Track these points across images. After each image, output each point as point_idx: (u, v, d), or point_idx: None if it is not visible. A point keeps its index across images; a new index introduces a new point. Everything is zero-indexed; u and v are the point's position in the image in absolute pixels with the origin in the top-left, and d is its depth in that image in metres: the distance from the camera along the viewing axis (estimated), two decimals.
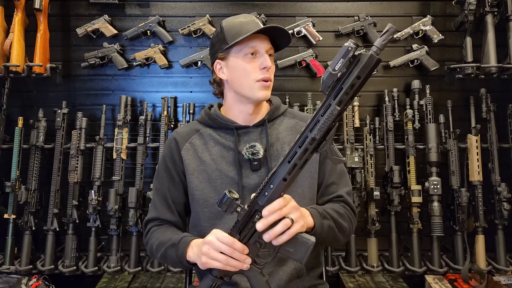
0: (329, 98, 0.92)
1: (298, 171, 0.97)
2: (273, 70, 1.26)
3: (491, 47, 2.27)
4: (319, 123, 0.92)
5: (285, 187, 0.97)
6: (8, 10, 2.36)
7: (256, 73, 1.21)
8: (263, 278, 1.05)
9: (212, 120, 1.30)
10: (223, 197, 0.99)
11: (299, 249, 1.00)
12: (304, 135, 0.95)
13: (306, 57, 2.48)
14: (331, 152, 0.96)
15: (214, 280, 1.07)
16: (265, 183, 0.99)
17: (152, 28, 2.49)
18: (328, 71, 0.90)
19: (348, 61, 0.88)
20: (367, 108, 2.51)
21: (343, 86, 0.90)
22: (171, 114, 2.45)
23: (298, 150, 0.95)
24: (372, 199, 2.29)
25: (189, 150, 1.29)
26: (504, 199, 2.24)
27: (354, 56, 0.88)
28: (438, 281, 2.24)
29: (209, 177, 1.25)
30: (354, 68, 0.89)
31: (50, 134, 2.37)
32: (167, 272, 2.32)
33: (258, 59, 1.22)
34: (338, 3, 2.57)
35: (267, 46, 1.23)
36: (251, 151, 1.23)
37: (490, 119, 2.35)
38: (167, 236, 1.21)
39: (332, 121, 0.92)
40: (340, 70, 0.89)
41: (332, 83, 0.91)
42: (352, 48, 0.87)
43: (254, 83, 1.21)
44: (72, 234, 2.31)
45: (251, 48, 1.21)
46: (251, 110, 1.27)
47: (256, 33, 1.19)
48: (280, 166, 0.97)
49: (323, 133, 0.93)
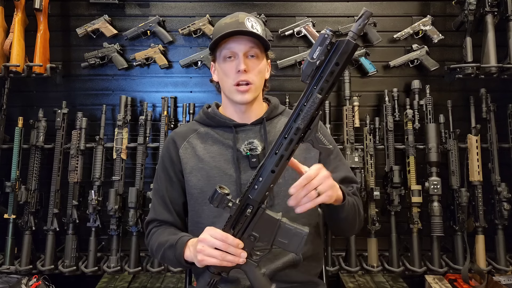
0: (310, 86, 0.92)
1: (286, 163, 0.97)
2: (258, 70, 1.24)
3: (491, 47, 2.27)
4: (302, 112, 0.93)
5: (274, 179, 0.97)
6: (8, 10, 2.36)
7: (233, 77, 1.22)
8: (261, 272, 1.05)
9: (210, 118, 1.31)
10: (214, 193, 1.00)
11: (293, 240, 1.01)
12: (288, 126, 0.95)
13: (306, 57, 2.48)
14: (317, 141, 0.96)
15: (212, 277, 1.07)
16: (254, 176, 0.99)
17: (152, 28, 2.49)
18: (306, 60, 0.90)
19: (325, 48, 0.88)
20: (367, 108, 2.51)
21: (323, 74, 0.90)
22: (171, 114, 2.45)
23: (284, 141, 0.95)
24: (372, 199, 2.29)
25: (187, 149, 1.29)
26: (504, 199, 2.24)
27: (331, 43, 0.88)
28: (438, 281, 2.24)
29: (207, 175, 1.25)
30: (332, 55, 0.89)
31: (50, 134, 2.37)
32: (167, 272, 2.32)
33: (235, 61, 1.22)
34: (338, 3, 2.56)
35: (245, 47, 1.21)
36: (249, 147, 1.25)
37: (490, 119, 2.34)
38: (165, 237, 1.22)
39: (314, 109, 0.92)
40: (319, 58, 0.89)
41: (311, 72, 0.91)
42: (328, 35, 0.88)
43: (232, 87, 1.23)
44: (72, 234, 2.30)
45: (228, 50, 1.22)
46: (243, 109, 1.29)
47: (234, 35, 1.20)
48: (267, 159, 0.98)
49: (307, 122, 0.93)
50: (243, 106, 1.27)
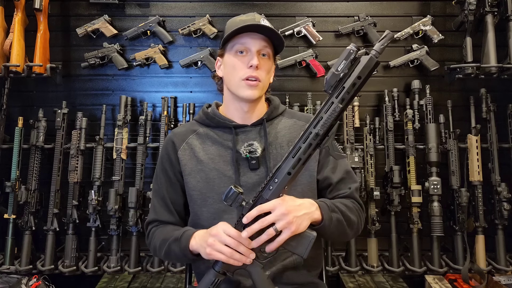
0: (332, 96, 0.99)
1: (302, 166, 1.02)
2: (267, 69, 1.25)
3: (491, 47, 2.27)
4: (322, 119, 0.99)
5: (289, 181, 1.02)
6: (8, 10, 2.36)
7: (243, 71, 1.21)
8: (265, 274, 1.06)
9: (209, 119, 1.31)
10: (229, 192, 1.02)
11: (301, 243, 1.03)
12: (308, 131, 1.01)
13: (306, 57, 2.48)
14: (333, 148, 1.02)
15: (216, 276, 1.07)
16: (270, 177, 1.03)
17: (152, 28, 2.49)
18: (331, 72, 0.99)
19: (349, 62, 0.97)
20: (367, 108, 2.51)
21: (345, 85, 0.98)
22: (171, 114, 2.45)
23: (302, 145, 1.01)
24: (372, 199, 2.29)
25: (186, 150, 1.29)
26: (504, 199, 2.24)
27: (355, 58, 0.97)
28: (438, 281, 2.24)
29: (206, 177, 1.25)
30: (355, 69, 0.97)
31: (50, 134, 2.37)
32: (167, 272, 2.32)
33: (247, 57, 1.22)
34: (338, 3, 2.56)
35: (259, 45, 1.22)
36: (249, 149, 1.24)
37: (490, 119, 2.35)
38: (170, 233, 1.22)
39: (334, 118, 0.99)
40: (343, 71, 0.97)
41: (335, 83, 0.99)
42: (353, 51, 0.97)
43: (240, 82, 1.22)
44: (72, 234, 2.30)
45: (241, 45, 1.22)
46: (246, 108, 1.27)
47: (249, 31, 1.21)
48: (284, 161, 1.02)
49: (326, 129, 0.99)
50: (246, 104, 1.26)
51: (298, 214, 1.02)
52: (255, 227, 1.01)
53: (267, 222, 1.00)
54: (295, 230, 1.01)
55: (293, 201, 1.04)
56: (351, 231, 1.19)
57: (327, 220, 1.09)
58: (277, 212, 1.00)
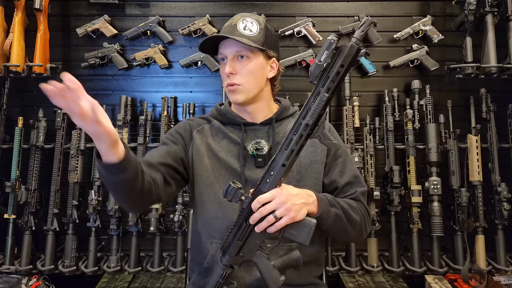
0: (318, 86, 1.01)
1: (295, 157, 1.04)
2: (248, 70, 1.23)
3: (491, 47, 2.27)
4: (311, 110, 1.01)
5: (284, 172, 1.04)
6: (8, 10, 2.36)
7: (225, 79, 1.27)
8: (270, 263, 1.08)
9: (221, 115, 1.33)
10: (228, 188, 1.05)
11: (303, 231, 1.05)
12: (298, 123, 1.03)
13: (306, 57, 2.48)
14: (324, 137, 1.04)
15: (224, 269, 1.09)
16: (266, 171, 1.05)
17: (152, 28, 2.49)
18: (315, 63, 1.01)
19: (331, 52, 0.99)
20: (367, 108, 2.51)
21: (329, 74, 1.00)
22: (171, 114, 2.45)
23: (294, 136, 1.03)
24: (372, 199, 2.29)
25: (200, 133, 1.31)
26: (504, 199, 2.24)
27: (336, 47, 0.99)
28: (438, 281, 2.24)
29: (217, 163, 1.27)
30: (337, 58, 0.99)
31: (50, 134, 2.37)
32: (167, 272, 2.32)
33: (226, 64, 1.25)
34: (338, 3, 2.57)
35: (232, 51, 1.24)
36: (256, 147, 1.26)
37: (490, 119, 2.35)
38: None
39: (322, 107, 1.01)
40: (325, 61, 1.00)
41: (319, 73, 1.01)
42: (334, 41, 0.99)
43: (226, 88, 1.28)
44: (72, 234, 2.30)
45: (220, 54, 1.27)
46: (247, 109, 1.30)
47: (220, 40, 1.25)
48: (278, 154, 1.04)
49: (315, 118, 1.01)
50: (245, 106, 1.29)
51: (296, 202, 1.05)
52: (256, 217, 1.03)
53: (266, 210, 1.03)
54: (294, 216, 1.03)
55: (292, 190, 1.07)
56: (353, 230, 1.19)
57: (325, 213, 1.11)
58: (277, 200, 1.03)
